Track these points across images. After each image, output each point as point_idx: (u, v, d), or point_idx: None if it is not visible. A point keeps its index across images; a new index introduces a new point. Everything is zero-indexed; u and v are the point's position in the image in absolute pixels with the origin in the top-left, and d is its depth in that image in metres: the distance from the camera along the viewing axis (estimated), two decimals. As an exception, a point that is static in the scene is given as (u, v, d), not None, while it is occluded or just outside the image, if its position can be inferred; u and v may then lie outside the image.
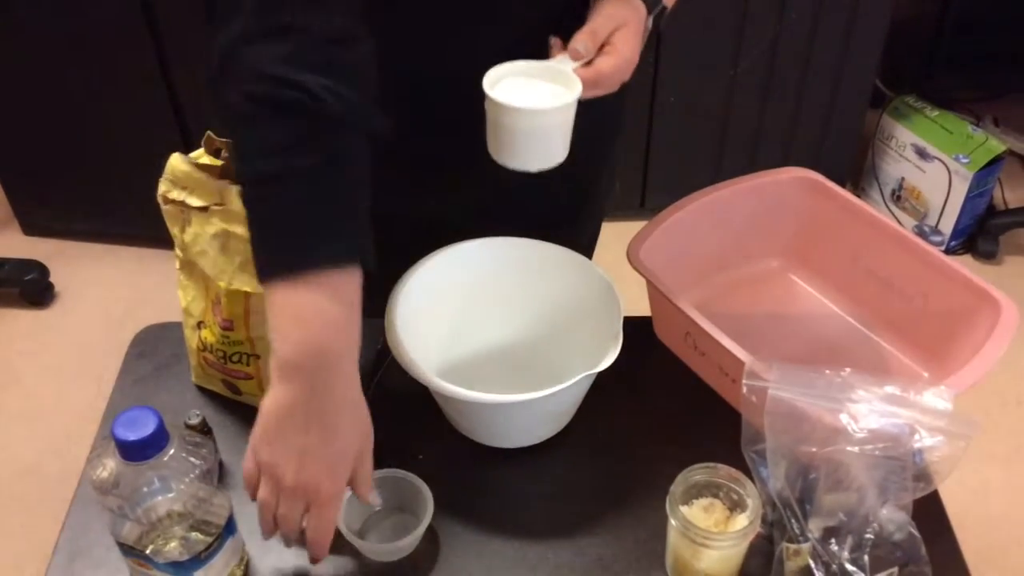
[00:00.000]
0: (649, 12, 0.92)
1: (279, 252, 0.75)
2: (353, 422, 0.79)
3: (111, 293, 2.34)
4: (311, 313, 0.74)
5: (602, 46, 0.88)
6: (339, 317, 0.75)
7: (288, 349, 0.74)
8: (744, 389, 0.82)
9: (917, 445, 0.76)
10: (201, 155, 0.94)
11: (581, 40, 0.86)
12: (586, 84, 0.86)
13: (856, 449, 0.77)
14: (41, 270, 2.29)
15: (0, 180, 2.39)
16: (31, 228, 2.48)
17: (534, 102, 0.85)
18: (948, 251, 2.41)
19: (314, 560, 0.80)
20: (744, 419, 0.84)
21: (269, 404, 0.76)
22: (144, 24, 2.04)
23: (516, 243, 1.01)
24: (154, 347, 1.08)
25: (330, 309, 0.74)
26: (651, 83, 2.20)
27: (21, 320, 2.29)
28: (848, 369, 0.80)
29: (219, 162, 0.93)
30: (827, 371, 0.79)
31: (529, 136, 0.87)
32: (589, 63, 0.87)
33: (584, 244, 1.22)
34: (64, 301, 2.33)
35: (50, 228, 2.46)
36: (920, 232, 2.43)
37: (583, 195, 1.16)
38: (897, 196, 2.48)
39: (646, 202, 2.43)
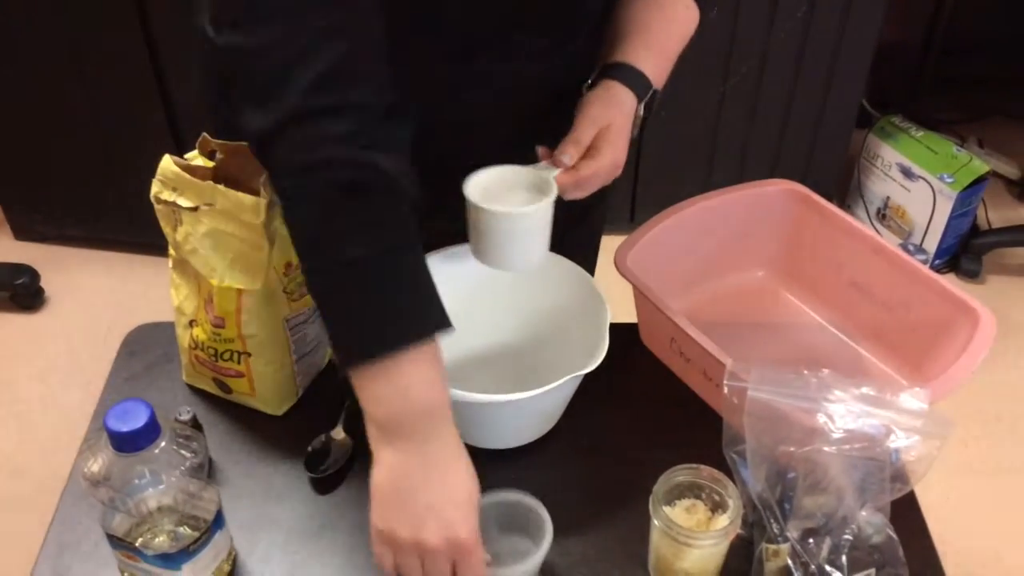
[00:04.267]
0: (640, 100, 0.94)
1: (381, 330, 0.74)
2: (468, 466, 0.78)
3: (101, 298, 2.35)
4: (417, 381, 0.74)
5: (588, 149, 0.90)
6: (438, 376, 0.76)
7: (394, 412, 0.74)
8: (725, 390, 0.83)
9: (893, 445, 0.78)
10: (195, 156, 0.95)
11: (566, 151, 0.89)
12: (566, 188, 0.89)
13: (833, 449, 0.79)
14: (32, 275, 2.29)
15: (-9, 185, 2.41)
16: (22, 233, 2.48)
17: (509, 206, 0.88)
18: (932, 270, 2.44)
19: None
20: (725, 420, 0.86)
21: (380, 476, 0.76)
22: (139, 31, 2.05)
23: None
24: (145, 346, 1.09)
25: (430, 371, 0.75)
26: (641, 99, 2.23)
27: (11, 324, 2.29)
28: (826, 370, 0.81)
29: (211, 164, 0.94)
30: (805, 371, 0.81)
31: (506, 238, 0.90)
32: (573, 166, 0.90)
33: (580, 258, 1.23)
34: (54, 306, 2.34)
35: (41, 233, 2.47)
36: (904, 251, 2.45)
37: (581, 214, 1.18)
38: (882, 215, 2.51)
39: (635, 216, 2.45)
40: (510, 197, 0.89)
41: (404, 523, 0.75)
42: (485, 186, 0.90)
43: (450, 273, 1.03)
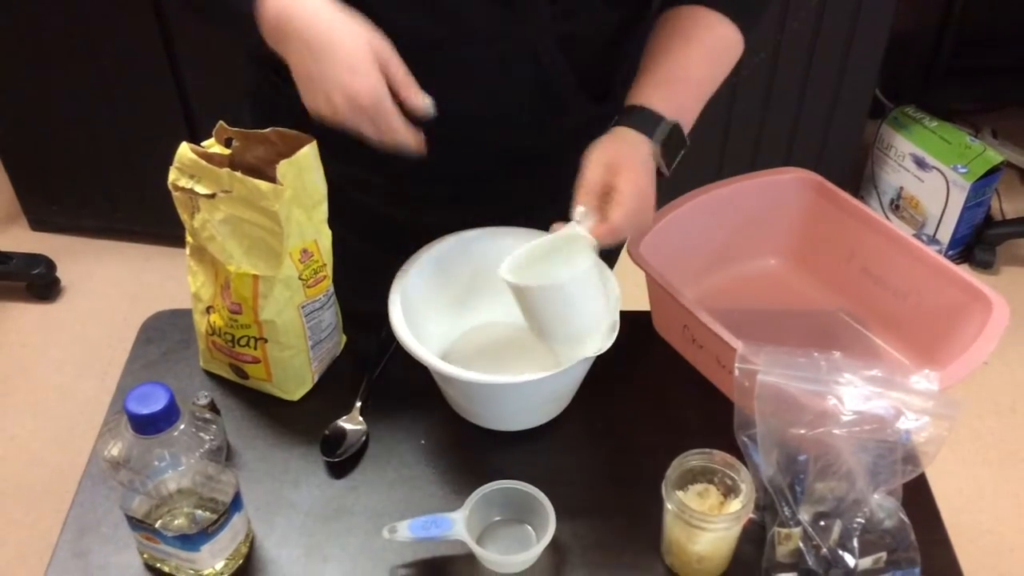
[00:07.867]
0: (650, 137, 0.93)
1: None
2: (351, 34, 0.83)
3: (117, 288, 2.37)
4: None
5: (611, 193, 0.89)
6: None
7: (268, 29, 0.85)
8: (736, 373, 0.84)
9: (903, 426, 0.78)
10: (212, 144, 0.96)
11: (579, 204, 0.89)
12: (605, 239, 0.88)
13: (844, 431, 0.79)
14: (48, 265, 2.31)
15: (9, 176, 2.42)
16: (39, 224, 2.50)
17: (547, 277, 0.87)
18: (946, 260, 2.43)
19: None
20: (736, 404, 0.86)
21: (293, 72, 0.85)
22: (154, 21, 2.06)
23: (517, 232, 1.03)
24: (163, 333, 1.10)
25: None
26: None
27: (28, 314, 2.31)
28: (836, 353, 0.82)
29: (228, 151, 0.95)
30: (815, 354, 0.82)
31: (560, 308, 0.89)
32: (605, 216, 0.88)
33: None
34: (70, 296, 2.36)
35: (57, 224, 2.49)
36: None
37: None
38: (896, 205, 2.51)
39: (647, 207, 2.45)
40: (548, 269, 0.88)
41: (319, 101, 0.84)
42: (519, 265, 0.89)
43: (461, 257, 1.04)
